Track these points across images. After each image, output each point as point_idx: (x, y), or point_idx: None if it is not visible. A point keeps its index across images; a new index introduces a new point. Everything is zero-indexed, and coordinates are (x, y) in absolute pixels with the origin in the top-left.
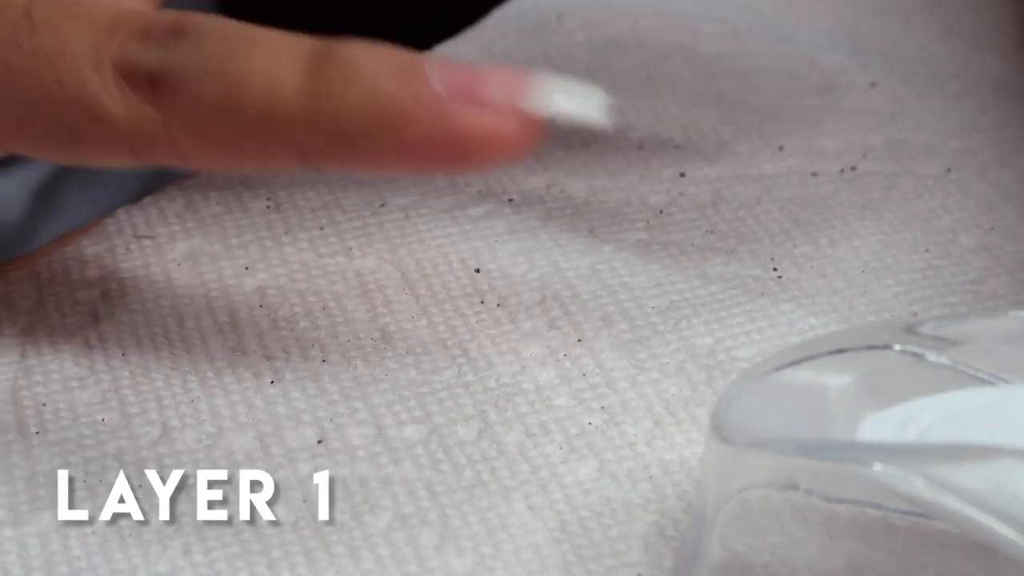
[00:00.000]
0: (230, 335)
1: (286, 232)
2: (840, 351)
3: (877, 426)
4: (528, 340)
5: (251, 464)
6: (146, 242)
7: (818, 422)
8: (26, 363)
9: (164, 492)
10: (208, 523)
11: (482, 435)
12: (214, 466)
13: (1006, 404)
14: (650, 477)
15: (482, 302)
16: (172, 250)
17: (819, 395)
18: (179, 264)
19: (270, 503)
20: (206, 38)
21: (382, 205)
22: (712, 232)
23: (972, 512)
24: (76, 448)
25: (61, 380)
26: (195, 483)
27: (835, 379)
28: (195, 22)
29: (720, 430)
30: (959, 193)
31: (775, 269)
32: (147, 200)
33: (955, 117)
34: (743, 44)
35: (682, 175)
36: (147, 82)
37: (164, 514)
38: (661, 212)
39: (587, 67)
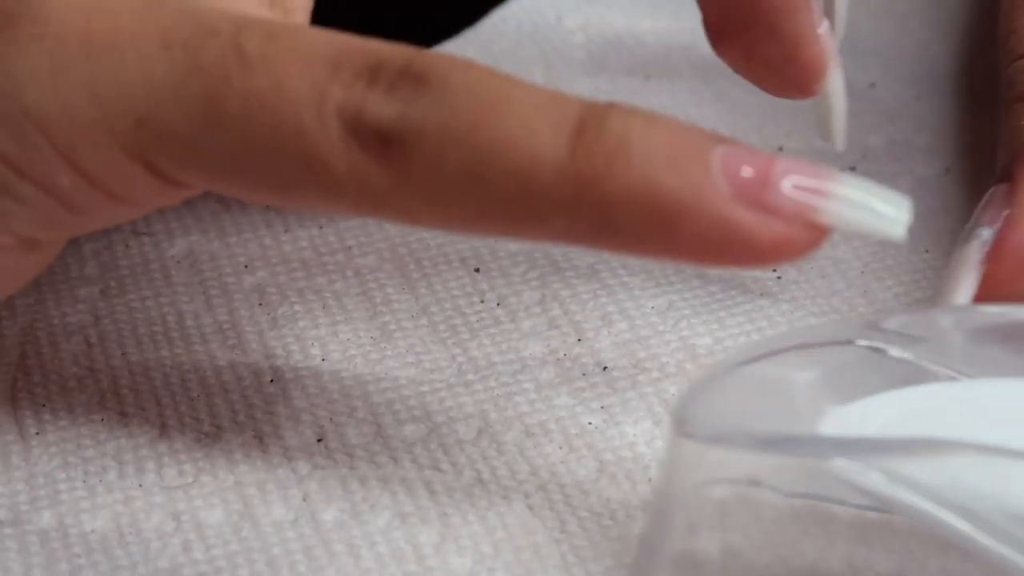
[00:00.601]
0: (229, 333)
1: (286, 230)
2: (803, 347)
3: (839, 421)
4: (528, 339)
5: (251, 463)
6: (145, 239)
7: (780, 417)
8: (25, 363)
9: (164, 491)
10: (208, 522)
11: (482, 434)
12: (214, 465)
13: (966, 399)
14: (649, 479)
15: (482, 301)
16: (171, 247)
17: (782, 390)
18: (178, 262)
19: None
20: (451, 90)
21: None
22: None
23: (929, 507)
24: (75, 448)
25: (60, 380)
26: (194, 482)
27: (798, 374)
28: (436, 67)
29: (682, 425)
30: (959, 193)
31: (775, 269)
32: None
33: (955, 117)
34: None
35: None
36: (378, 140)
37: (164, 512)
38: None
39: (587, 67)
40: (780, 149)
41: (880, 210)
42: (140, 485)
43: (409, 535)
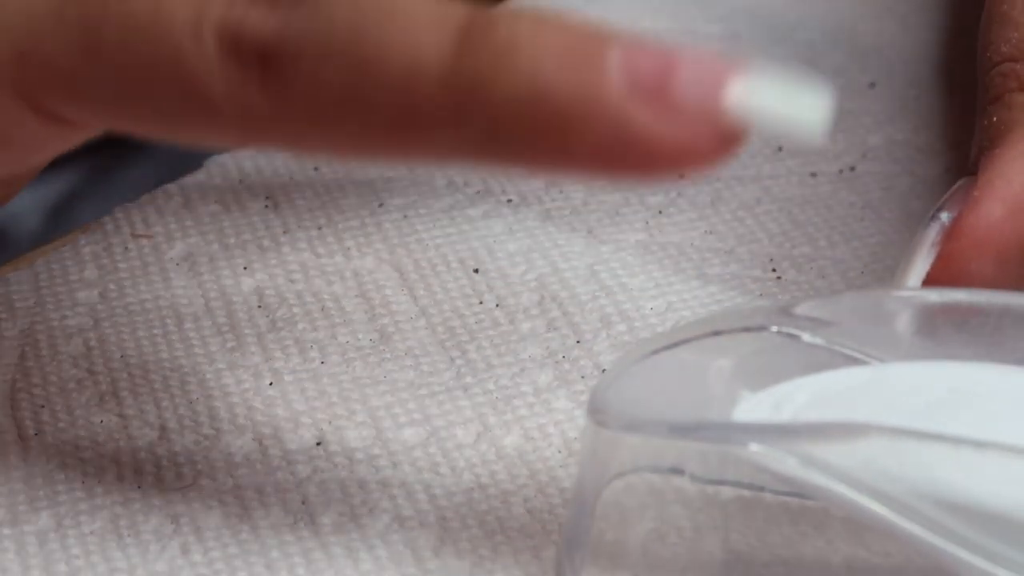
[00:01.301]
0: (228, 336)
1: (284, 232)
2: (716, 333)
3: (753, 407)
4: (527, 341)
5: (250, 466)
6: (144, 241)
7: (695, 404)
8: (24, 365)
9: (162, 493)
10: (206, 525)
11: (481, 438)
12: (213, 468)
13: (878, 382)
14: None
15: (480, 303)
16: (170, 250)
17: (696, 377)
18: (177, 264)
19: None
20: (331, 2)
21: (380, 205)
22: (711, 233)
23: (844, 490)
24: (74, 449)
25: (59, 382)
26: (193, 484)
27: (712, 361)
28: None
29: (597, 414)
30: None
31: (774, 270)
32: (145, 199)
33: (955, 117)
34: (742, 45)
35: (681, 175)
36: (257, 58)
37: (162, 515)
38: (660, 212)
39: None
40: (780, 149)
41: (797, 92)
42: (139, 487)
43: (408, 539)
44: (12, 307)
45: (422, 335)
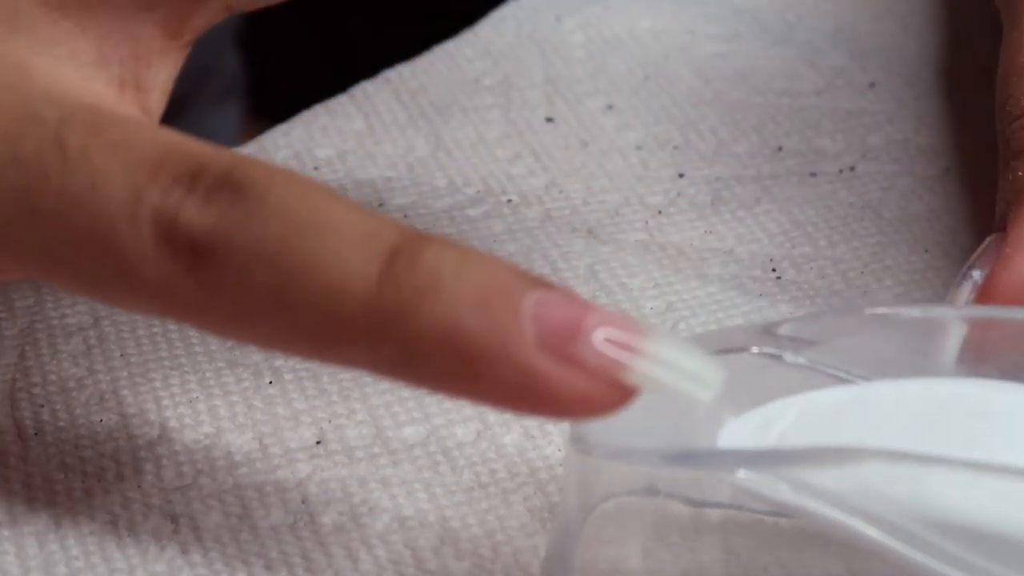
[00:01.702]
0: None
1: None
2: None
3: (738, 430)
4: None
5: (250, 465)
6: None
7: (678, 429)
8: (24, 364)
9: (162, 492)
10: (206, 524)
11: (481, 436)
12: (213, 467)
13: (863, 401)
14: None
15: None
16: None
17: (679, 402)
18: None
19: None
20: (267, 207)
21: (380, 205)
22: (711, 233)
23: (836, 514)
24: (73, 449)
25: (59, 381)
26: (193, 483)
27: None
28: (256, 178)
29: (579, 443)
30: (959, 193)
31: (774, 270)
32: None
33: (955, 117)
34: (742, 45)
35: (681, 176)
36: (189, 250)
37: (162, 514)
38: (660, 213)
39: (586, 67)
40: (780, 149)
41: (689, 373)
42: (138, 487)
43: (408, 538)
44: (12, 306)
45: None
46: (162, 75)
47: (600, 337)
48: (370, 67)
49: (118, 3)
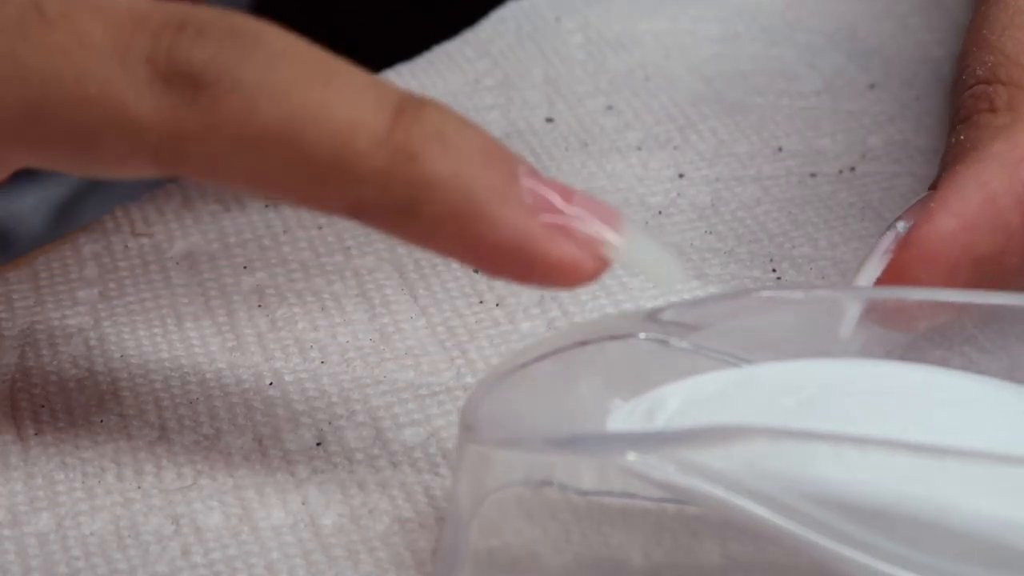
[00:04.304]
0: (228, 336)
1: (284, 231)
2: (584, 343)
3: (626, 415)
4: (527, 341)
5: (250, 467)
6: (144, 240)
7: (568, 416)
8: (24, 365)
9: (162, 493)
10: (206, 525)
11: None
12: (212, 468)
13: (748, 383)
14: None
15: (481, 302)
16: (170, 249)
17: (566, 388)
18: (177, 263)
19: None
20: (269, 48)
21: None
22: (711, 233)
23: (725, 495)
24: (74, 449)
25: (59, 382)
26: (193, 484)
27: (581, 371)
28: (246, 23)
29: (469, 431)
30: None
31: (774, 270)
32: (145, 197)
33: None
34: (742, 45)
35: (681, 176)
36: (189, 81)
37: (162, 515)
38: (660, 213)
39: (586, 68)
40: (780, 150)
41: (660, 259)
42: (139, 487)
43: (408, 540)
44: (12, 307)
45: (422, 335)
46: None
47: (585, 211)
48: (370, 67)
49: None
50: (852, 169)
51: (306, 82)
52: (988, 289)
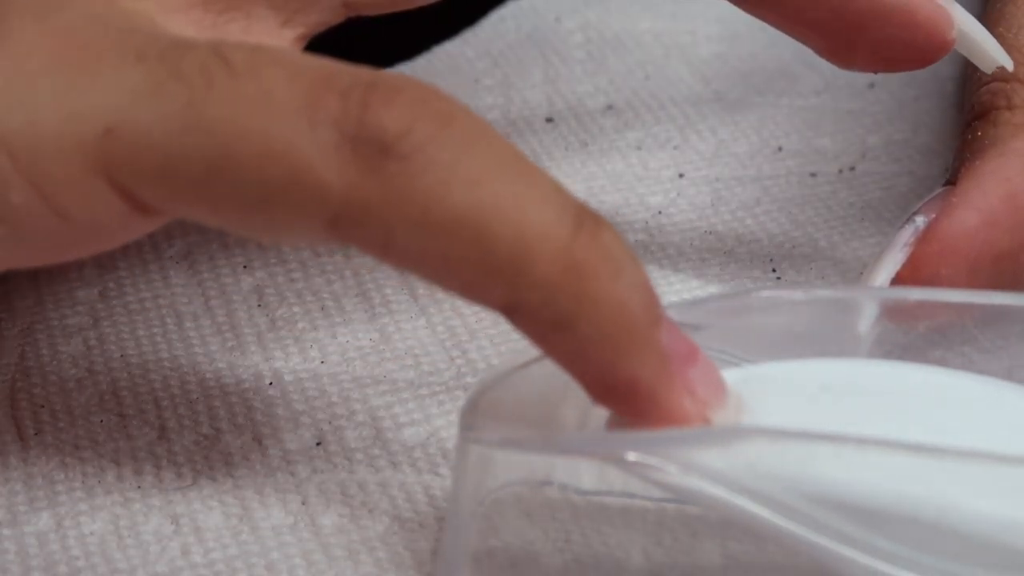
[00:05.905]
0: (228, 335)
1: None
2: None
3: None
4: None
5: (249, 466)
6: (143, 240)
7: (568, 416)
8: (24, 365)
9: (162, 493)
10: (206, 525)
11: None
12: (212, 468)
13: (748, 383)
14: None
15: None
16: (169, 248)
17: (566, 389)
18: (176, 262)
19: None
20: (466, 132)
21: None
22: (711, 233)
23: (725, 495)
24: (73, 449)
25: (59, 382)
26: (193, 484)
27: None
28: (450, 105)
29: (469, 432)
30: None
31: (774, 270)
32: None
33: (954, 117)
34: (741, 45)
35: (681, 176)
36: (379, 149)
37: (162, 515)
38: (659, 213)
39: (586, 67)
40: (780, 149)
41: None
42: (139, 487)
43: (408, 540)
44: (12, 306)
45: (422, 335)
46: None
47: (704, 374)
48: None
49: None
50: (852, 169)
51: (500, 173)
52: (1005, 286)
